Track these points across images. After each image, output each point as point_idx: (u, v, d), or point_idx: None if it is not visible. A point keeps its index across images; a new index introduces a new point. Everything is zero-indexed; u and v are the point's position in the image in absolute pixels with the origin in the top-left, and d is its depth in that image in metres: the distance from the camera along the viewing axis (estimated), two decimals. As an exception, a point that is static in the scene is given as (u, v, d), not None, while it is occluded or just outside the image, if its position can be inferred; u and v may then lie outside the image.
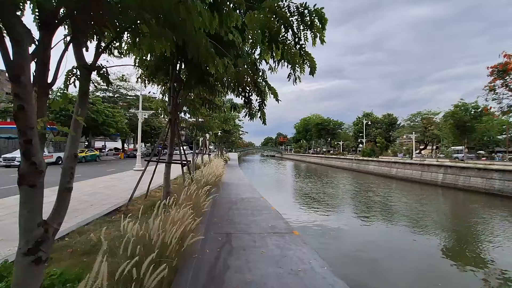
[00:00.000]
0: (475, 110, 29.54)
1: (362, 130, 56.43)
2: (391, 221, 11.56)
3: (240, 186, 13.71)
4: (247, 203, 9.08)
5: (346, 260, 7.07)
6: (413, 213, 13.17)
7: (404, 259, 7.46)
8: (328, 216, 12.02)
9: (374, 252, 7.77)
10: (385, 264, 6.98)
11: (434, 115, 49.01)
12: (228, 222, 6.38)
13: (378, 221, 11.52)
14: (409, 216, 12.38)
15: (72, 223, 4.92)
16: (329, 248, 7.79)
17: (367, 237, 9.44)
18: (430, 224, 11.28)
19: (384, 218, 12.12)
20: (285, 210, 11.72)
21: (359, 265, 6.81)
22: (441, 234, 10.11)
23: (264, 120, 5.84)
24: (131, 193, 5.89)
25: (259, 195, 10.97)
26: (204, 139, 16.20)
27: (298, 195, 18.19)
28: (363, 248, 8.09)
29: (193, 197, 4.91)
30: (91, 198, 7.43)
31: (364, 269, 6.57)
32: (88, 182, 11.33)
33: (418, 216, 12.54)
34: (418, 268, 6.92)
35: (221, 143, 39.37)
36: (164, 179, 6.22)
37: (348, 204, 15.33)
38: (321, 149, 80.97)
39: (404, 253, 7.89)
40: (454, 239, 9.75)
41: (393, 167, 33.94)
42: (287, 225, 6.36)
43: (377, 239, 9.11)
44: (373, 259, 7.19)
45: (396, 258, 7.48)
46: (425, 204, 15.91)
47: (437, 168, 27.04)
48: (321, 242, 8.20)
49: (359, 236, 9.53)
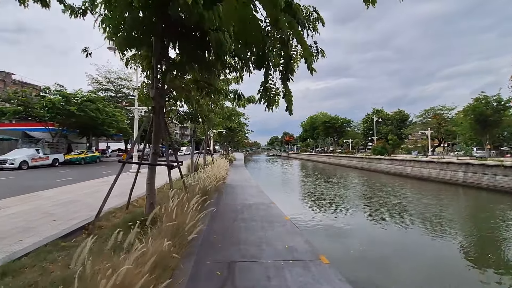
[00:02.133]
0: (497, 103, 27.45)
1: (372, 128, 54.32)
2: (428, 229, 9.87)
3: (247, 188, 12.19)
4: (255, 212, 7.54)
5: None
6: (445, 218, 11.45)
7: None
8: (352, 226, 10.18)
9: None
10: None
11: (449, 111, 46.69)
12: (231, 242, 4.85)
13: (413, 229, 9.84)
14: (443, 223, 10.67)
15: (3, 253, 3.45)
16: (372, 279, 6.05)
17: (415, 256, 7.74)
18: (464, 229, 9.60)
19: (420, 226, 10.42)
20: (301, 219, 10.13)
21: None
22: (476, 241, 8.46)
23: (290, 107, 3.96)
24: (100, 205, 4.36)
25: (268, 200, 9.43)
26: (207, 138, 14.75)
27: (311, 198, 16.53)
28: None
29: (179, 213, 3.40)
30: (61, 210, 5.99)
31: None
32: (72, 186, 9.96)
33: (448, 220, 10.84)
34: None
35: (226, 143, 38.00)
36: (146, 186, 4.72)
37: (372, 210, 13.58)
38: (328, 147, 78.97)
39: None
40: (490, 246, 8.12)
41: (407, 165, 32.06)
42: (310, 246, 4.78)
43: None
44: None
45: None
46: (449, 206, 14.17)
47: (457, 166, 25.11)
48: (359, 272, 6.19)
49: (401, 256, 7.78)
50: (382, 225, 10.30)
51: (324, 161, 59.47)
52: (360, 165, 42.53)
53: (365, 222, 10.89)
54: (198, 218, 3.52)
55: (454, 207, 14.43)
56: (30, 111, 22.94)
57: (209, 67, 5.03)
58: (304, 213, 11.79)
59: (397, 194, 17.89)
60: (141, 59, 5.16)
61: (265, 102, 4.07)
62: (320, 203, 14.65)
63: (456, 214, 12.69)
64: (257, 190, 11.80)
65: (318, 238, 8.39)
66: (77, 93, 24.42)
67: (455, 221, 11.24)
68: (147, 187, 4.71)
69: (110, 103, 32.49)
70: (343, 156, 51.15)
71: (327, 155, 61.39)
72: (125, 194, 5.95)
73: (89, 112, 22.47)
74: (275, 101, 4.12)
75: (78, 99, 23.65)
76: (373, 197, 16.72)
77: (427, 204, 14.30)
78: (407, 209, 13.30)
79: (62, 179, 12.78)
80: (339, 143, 71.80)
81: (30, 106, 22.43)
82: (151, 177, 4.76)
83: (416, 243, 8.57)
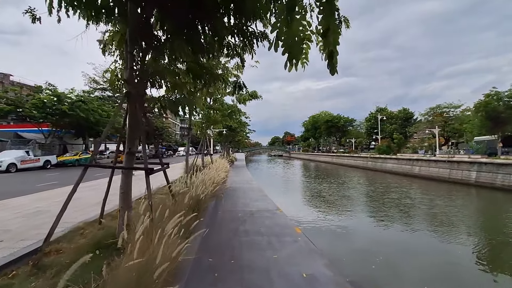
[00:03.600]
0: (509, 99, 26.23)
1: (375, 126, 53.07)
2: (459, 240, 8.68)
3: (249, 192, 11.05)
4: (260, 221, 6.40)
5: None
6: (467, 221, 10.27)
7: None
8: (373, 237, 8.92)
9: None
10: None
11: (455, 108, 45.39)
12: (230, 268, 3.70)
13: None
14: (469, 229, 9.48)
15: None
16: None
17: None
18: (490, 234, 8.41)
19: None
20: (314, 230, 8.88)
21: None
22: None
23: (333, 63, 2.47)
24: (52, 225, 3.15)
25: (274, 206, 8.28)
26: (205, 138, 13.67)
27: (319, 202, 15.27)
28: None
29: (154, 242, 2.26)
30: (19, 224, 4.86)
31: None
32: (51, 192, 8.84)
33: (472, 224, 9.66)
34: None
35: (226, 143, 36.87)
36: (120, 196, 3.58)
37: (395, 216, 12.40)
38: (330, 147, 77.70)
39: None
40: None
41: (415, 165, 30.88)
42: (335, 274, 3.63)
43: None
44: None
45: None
46: (466, 207, 13.02)
47: (469, 165, 23.92)
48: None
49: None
50: (411, 235, 9.06)
51: (327, 161, 58.23)
52: (364, 165, 41.30)
53: (390, 233, 9.61)
54: (180, 250, 2.35)
55: (472, 209, 13.25)
56: (21, 111, 21.88)
57: (199, 42, 3.90)
58: (316, 222, 10.34)
59: (414, 196, 16.69)
60: (114, 35, 4.02)
61: (285, 50, 2.37)
62: (330, 207, 13.45)
63: (476, 217, 11.53)
64: (260, 194, 10.67)
65: (340, 256, 6.66)
66: (70, 93, 23.23)
67: (477, 225, 10.08)
68: (120, 197, 3.58)
69: (107, 103, 31.38)
70: (346, 156, 49.90)
71: (330, 154, 60.14)
72: (112, 201, 4.76)
73: (79, 112, 21.24)
74: (301, 51, 2.46)
75: (72, 99, 22.52)
76: (386, 199, 15.54)
77: (448, 206, 13.12)
78: (439, 216, 12.12)
79: (46, 183, 11.65)
80: (341, 142, 70.48)
81: (21, 105, 21.34)
82: (126, 184, 3.63)
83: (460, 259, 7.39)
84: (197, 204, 5.50)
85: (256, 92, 12.80)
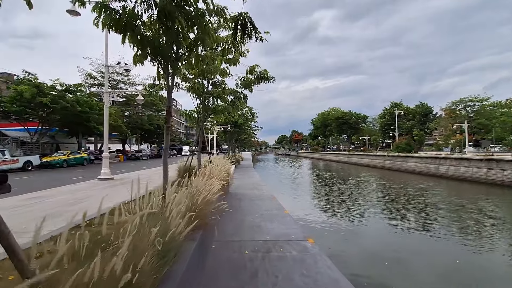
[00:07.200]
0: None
1: (391, 123, 49.58)
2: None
3: (258, 203, 8.18)
4: (283, 265, 3.54)
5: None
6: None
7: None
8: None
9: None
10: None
11: (480, 102, 41.55)
12: None
13: None
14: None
15: None
16: None
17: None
18: None
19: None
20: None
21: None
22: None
23: None
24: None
25: (298, 231, 5.38)
26: (202, 132, 10.79)
27: (358, 220, 12.23)
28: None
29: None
30: None
31: None
32: None
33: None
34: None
35: (232, 141, 34.06)
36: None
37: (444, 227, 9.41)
38: (339, 146, 74.29)
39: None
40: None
41: (442, 163, 27.56)
42: None
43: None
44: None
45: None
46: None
47: (511, 165, 20.61)
48: None
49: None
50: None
51: (339, 160, 54.91)
52: (381, 164, 37.96)
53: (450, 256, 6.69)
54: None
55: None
56: (2, 107, 19.48)
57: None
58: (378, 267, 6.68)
59: (457, 201, 13.60)
60: None
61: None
62: (376, 222, 10.46)
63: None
64: (274, 206, 7.76)
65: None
66: (55, 84, 20.57)
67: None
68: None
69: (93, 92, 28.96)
70: (360, 154, 46.55)
71: (342, 153, 56.76)
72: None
73: (64, 103, 18.43)
74: None
75: (57, 91, 19.95)
76: (434, 207, 12.48)
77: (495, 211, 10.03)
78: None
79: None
80: (352, 140, 66.94)
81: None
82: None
83: None
84: (168, 245, 2.66)
85: (267, 72, 9.81)
